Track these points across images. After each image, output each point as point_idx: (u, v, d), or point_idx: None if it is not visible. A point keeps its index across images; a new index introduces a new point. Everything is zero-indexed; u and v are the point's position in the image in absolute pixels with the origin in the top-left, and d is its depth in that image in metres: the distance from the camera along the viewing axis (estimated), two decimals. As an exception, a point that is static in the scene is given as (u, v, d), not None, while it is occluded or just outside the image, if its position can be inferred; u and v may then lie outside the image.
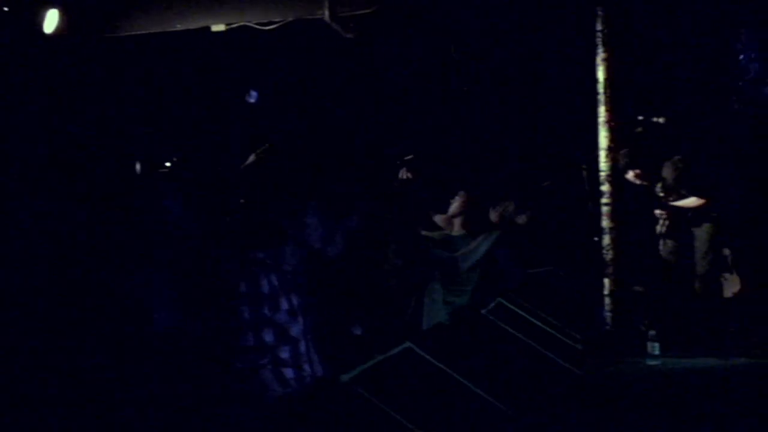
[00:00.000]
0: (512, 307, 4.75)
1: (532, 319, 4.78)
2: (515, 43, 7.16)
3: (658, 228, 6.56)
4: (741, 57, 2.56)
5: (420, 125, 7.87)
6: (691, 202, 6.32)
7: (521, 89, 7.88)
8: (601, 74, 5.60)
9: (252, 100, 7.97)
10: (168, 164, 7.38)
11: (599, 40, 5.58)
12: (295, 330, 2.99)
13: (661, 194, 6.48)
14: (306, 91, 7.46)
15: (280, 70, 7.29)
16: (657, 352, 5.55)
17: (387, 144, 7.49)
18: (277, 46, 6.63)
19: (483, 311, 4.31)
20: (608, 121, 5.61)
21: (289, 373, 2.98)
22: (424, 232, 5.28)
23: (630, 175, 6.31)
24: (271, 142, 5.61)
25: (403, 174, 6.10)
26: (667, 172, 6.32)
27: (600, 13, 5.56)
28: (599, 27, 5.57)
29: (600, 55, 5.59)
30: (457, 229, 5.42)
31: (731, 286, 6.99)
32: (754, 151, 6.50)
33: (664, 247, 6.61)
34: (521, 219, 6.06)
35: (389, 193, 5.62)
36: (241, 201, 3.01)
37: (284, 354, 2.97)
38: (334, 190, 3.93)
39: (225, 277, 2.93)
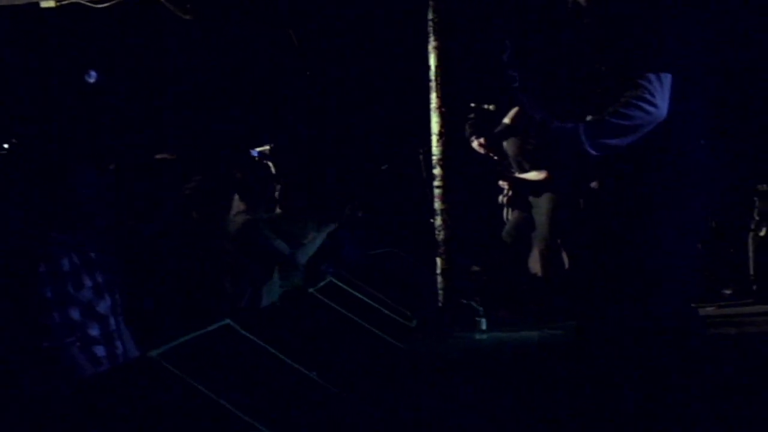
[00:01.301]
0: (343, 285, 4.87)
1: (363, 298, 4.92)
2: (353, 31, 7.28)
3: (501, 198, 6.77)
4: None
5: (262, 109, 7.89)
6: (533, 175, 6.53)
7: (360, 75, 8.02)
8: (432, 61, 5.80)
9: (92, 80, 7.74)
10: (6, 146, 7.09)
11: (431, 29, 5.77)
12: (103, 307, 2.99)
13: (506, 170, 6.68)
14: (146, 72, 7.32)
15: (118, 50, 7.11)
16: (484, 327, 5.85)
17: (228, 129, 7.48)
18: (114, 24, 6.48)
19: (311, 290, 4.39)
20: (439, 107, 5.82)
21: (99, 350, 2.98)
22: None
23: (474, 143, 6.47)
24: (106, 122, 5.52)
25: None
26: (510, 146, 6.51)
27: (431, 2, 5.75)
28: (430, 16, 5.76)
29: (431, 43, 5.79)
30: (278, 211, 5.56)
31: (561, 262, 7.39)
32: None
33: (508, 216, 6.80)
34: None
35: (228, 181, 5.61)
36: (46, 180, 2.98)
37: (93, 331, 2.97)
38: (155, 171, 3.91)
39: (23, 258, 2.89)
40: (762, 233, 6.73)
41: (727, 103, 7.37)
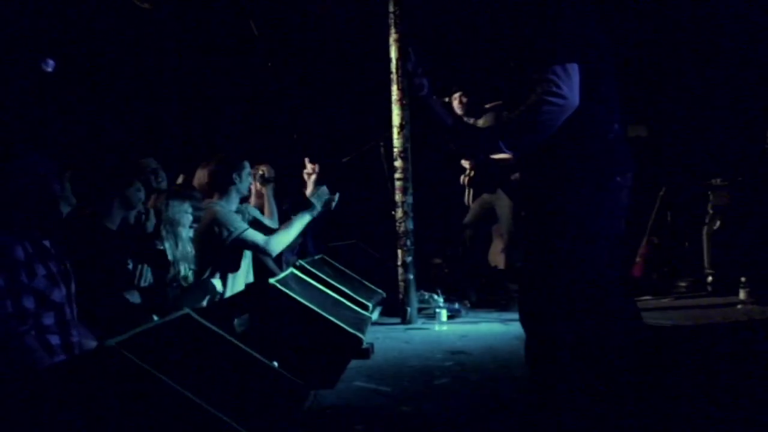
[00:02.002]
0: (304, 276, 4.86)
1: (324, 289, 4.92)
2: (314, 21, 7.27)
3: (462, 178, 6.75)
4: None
5: (221, 101, 7.84)
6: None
7: (321, 67, 8.01)
8: (393, 54, 5.82)
9: (49, 69, 7.63)
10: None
11: (391, 21, 5.79)
12: (57, 296, 2.94)
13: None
14: (102, 61, 7.22)
15: (73, 38, 6.98)
16: (444, 319, 5.91)
17: (187, 121, 7.43)
18: (72, 13, 6.37)
19: (272, 281, 4.37)
20: (400, 99, 5.84)
21: (54, 339, 2.94)
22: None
23: (455, 102, 6.47)
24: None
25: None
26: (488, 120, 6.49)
27: (392, -7, 5.76)
28: (391, 8, 5.77)
29: (392, 36, 5.80)
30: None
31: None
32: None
33: (468, 199, 6.78)
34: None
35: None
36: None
37: (48, 320, 2.92)
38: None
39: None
40: (716, 227, 6.84)
41: (681, 99, 7.54)
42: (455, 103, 6.56)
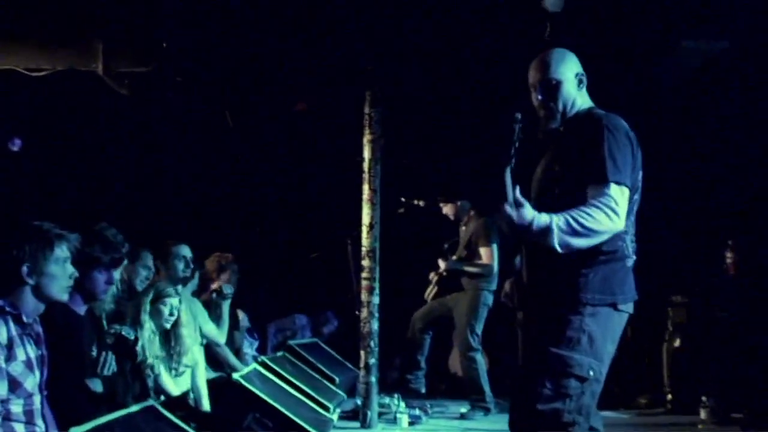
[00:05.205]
0: (267, 373, 4.78)
1: (285, 386, 4.83)
2: (288, 118, 7.35)
3: (432, 275, 6.66)
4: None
5: (197, 183, 7.83)
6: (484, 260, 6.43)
7: (294, 163, 8.06)
8: (366, 154, 5.86)
9: (15, 149, 7.58)
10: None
11: (366, 122, 5.85)
12: (30, 383, 2.80)
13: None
14: (77, 141, 7.19)
15: (49, 119, 6.97)
16: (404, 425, 5.79)
17: (164, 201, 7.38)
18: (48, 93, 6.37)
19: (235, 376, 4.28)
20: (370, 199, 5.85)
21: (19, 428, 2.78)
22: None
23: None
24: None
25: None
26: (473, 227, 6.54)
27: (368, 96, 5.84)
28: (367, 110, 5.85)
29: (366, 136, 5.86)
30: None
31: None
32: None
33: (429, 294, 6.67)
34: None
35: None
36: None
37: (16, 408, 2.77)
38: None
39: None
40: (676, 344, 6.84)
41: (640, 217, 7.66)
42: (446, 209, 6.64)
